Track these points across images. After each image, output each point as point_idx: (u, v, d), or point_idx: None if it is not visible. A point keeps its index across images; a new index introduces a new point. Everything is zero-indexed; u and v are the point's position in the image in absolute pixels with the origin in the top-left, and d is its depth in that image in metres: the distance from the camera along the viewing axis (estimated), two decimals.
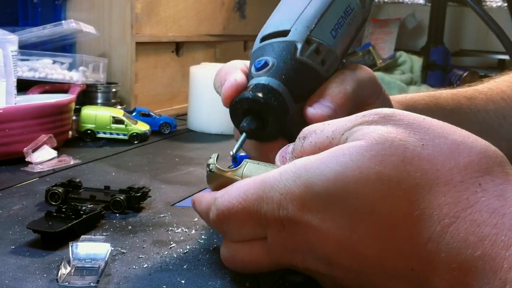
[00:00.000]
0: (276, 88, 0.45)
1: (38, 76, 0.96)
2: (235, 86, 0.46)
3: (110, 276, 0.42)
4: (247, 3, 1.52)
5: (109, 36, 1.10)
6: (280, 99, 0.45)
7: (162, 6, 1.18)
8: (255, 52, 0.48)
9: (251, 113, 0.45)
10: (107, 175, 0.70)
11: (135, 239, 0.49)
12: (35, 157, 0.72)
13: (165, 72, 1.22)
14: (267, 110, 0.45)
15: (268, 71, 0.46)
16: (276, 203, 0.36)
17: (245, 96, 0.45)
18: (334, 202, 0.33)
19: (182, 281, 0.42)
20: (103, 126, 0.89)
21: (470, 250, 0.30)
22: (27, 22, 1.07)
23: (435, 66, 1.77)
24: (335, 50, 0.49)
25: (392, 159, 0.32)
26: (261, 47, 0.48)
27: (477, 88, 0.65)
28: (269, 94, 0.45)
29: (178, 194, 0.63)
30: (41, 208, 0.56)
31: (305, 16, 0.48)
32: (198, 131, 1.02)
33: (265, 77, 0.45)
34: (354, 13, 0.51)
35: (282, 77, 0.45)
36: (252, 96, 0.45)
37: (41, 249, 0.46)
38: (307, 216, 0.34)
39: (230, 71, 0.48)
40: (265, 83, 0.45)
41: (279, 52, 0.46)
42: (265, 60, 0.46)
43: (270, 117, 0.45)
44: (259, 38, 0.49)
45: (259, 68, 0.46)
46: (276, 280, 0.42)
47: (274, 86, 0.45)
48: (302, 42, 0.46)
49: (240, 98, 0.45)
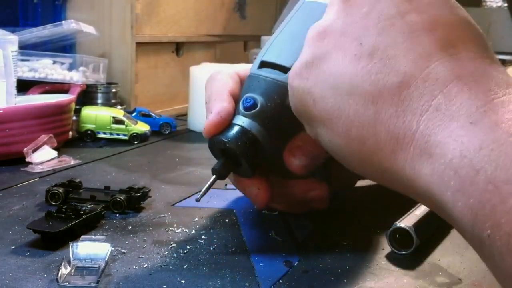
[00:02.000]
0: (256, 134, 0.46)
1: (38, 77, 0.96)
2: (218, 124, 0.47)
3: (110, 276, 0.42)
4: (247, 3, 1.52)
5: (109, 36, 1.10)
6: (258, 146, 0.46)
7: (162, 6, 1.18)
8: (251, 79, 0.49)
9: (226, 155, 0.47)
10: (107, 175, 0.70)
11: (135, 239, 0.49)
12: (35, 157, 0.72)
13: (165, 72, 1.22)
14: (242, 155, 0.46)
15: (254, 114, 0.46)
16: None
17: (222, 140, 0.46)
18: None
19: (182, 281, 0.42)
20: (103, 126, 0.89)
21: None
22: (27, 23, 1.07)
23: None
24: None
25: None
26: (257, 79, 0.48)
27: None
28: (247, 142, 0.46)
29: (178, 194, 0.64)
30: (41, 208, 0.56)
31: None
32: (198, 131, 1.02)
33: (249, 121, 0.46)
34: None
35: (267, 123, 0.46)
36: (229, 142, 0.46)
37: (41, 249, 0.46)
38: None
39: (219, 97, 0.49)
40: (248, 128, 0.46)
41: (270, 93, 0.47)
42: (254, 100, 0.47)
43: (244, 161, 0.47)
44: (259, 60, 0.49)
45: (247, 108, 0.47)
46: (277, 280, 0.42)
47: (255, 132, 0.46)
48: None
49: (218, 140, 0.47)
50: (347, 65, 0.36)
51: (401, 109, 0.33)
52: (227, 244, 0.49)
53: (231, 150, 0.46)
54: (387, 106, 0.34)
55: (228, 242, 0.50)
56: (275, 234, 0.52)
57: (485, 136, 0.29)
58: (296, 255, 0.47)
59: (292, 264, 0.45)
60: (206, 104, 0.51)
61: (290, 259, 0.46)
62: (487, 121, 0.29)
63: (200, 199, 0.47)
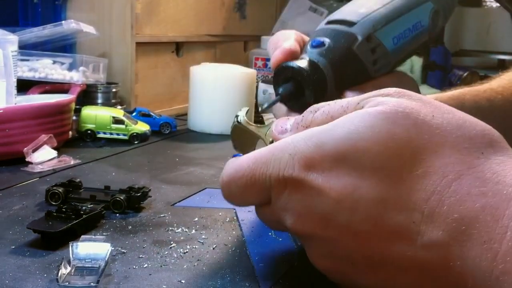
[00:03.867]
0: (323, 68, 0.48)
1: (38, 76, 0.96)
2: (287, 53, 0.49)
3: (110, 276, 0.42)
4: (247, 3, 1.52)
5: (109, 36, 1.10)
6: (323, 79, 0.47)
7: (162, 6, 1.18)
8: (317, 31, 0.51)
9: (292, 81, 0.48)
10: (107, 175, 0.70)
11: (135, 239, 0.49)
12: (35, 157, 0.72)
13: (165, 72, 1.22)
14: (308, 83, 0.47)
15: (322, 51, 0.48)
16: (283, 163, 0.36)
17: (292, 65, 0.48)
18: (343, 160, 0.34)
19: (182, 281, 0.42)
20: (103, 126, 0.89)
21: (472, 202, 0.31)
22: (27, 22, 1.07)
23: (435, 66, 1.77)
24: (390, 56, 0.51)
25: (404, 122, 0.34)
26: (324, 29, 0.50)
27: (492, 87, 0.66)
28: (315, 71, 0.47)
29: (178, 194, 0.64)
30: (41, 208, 0.56)
31: (376, 15, 0.50)
32: (198, 131, 1.02)
33: (317, 56, 0.48)
34: (422, 29, 0.53)
35: (332, 61, 0.48)
36: (298, 67, 0.47)
37: (41, 249, 0.46)
38: (312, 175, 0.35)
39: (286, 39, 0.51)
40: (315, 60, 0.48)
41: (338, 38, 0.49)
42: (323, 40, 0.49)
43: (308, 90, 0.47)
44: (325, 21, 0.51)
45: (315, 46, 0.48)
46: (277, 280, 0.42)
47: (322, 65, 0.48)
48: (363, 37, 0.49)
49: (287, 65, 0.48)
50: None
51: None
52: (227, 244, 0.49)
53: (299, 76, 0.47)
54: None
55: (228, 242, 0.50)
56: (275, 234, 0.52)
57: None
58: (296, 255, 0.47)
59: (292, 264, 0.45)
60: (270, 50, 0.52)
61: (290, 259, 0.46)
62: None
63: (264, 109, 0.50)
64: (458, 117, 0.35)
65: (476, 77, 1.68)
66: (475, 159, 0.33)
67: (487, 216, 0.31)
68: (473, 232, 0.31)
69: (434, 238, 0.32)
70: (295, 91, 0.48)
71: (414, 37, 0.52)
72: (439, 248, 0.32)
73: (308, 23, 1.58)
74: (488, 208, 0.31)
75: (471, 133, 0.34)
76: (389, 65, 0.51)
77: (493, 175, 0.32)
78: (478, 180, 0.32)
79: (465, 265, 0.31)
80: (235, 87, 1.00)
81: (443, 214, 0.32)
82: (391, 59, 0.51)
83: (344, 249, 0.35)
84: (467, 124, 0.35)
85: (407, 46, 0.52)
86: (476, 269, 0.30)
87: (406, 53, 0.53)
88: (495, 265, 0.30)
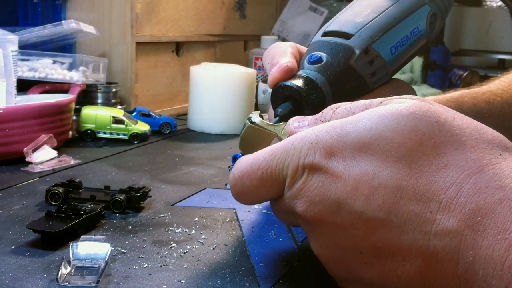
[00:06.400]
0: (321, 86, 0.47)
1: (38, 76, 0.96)
2: (284, 71, 0.48)
3: (110, 276, 0.42)
4: (247, 3, 1.52)
5: (109, 36, 1.10)
6: (321, 97, 0.47)
7: (162, 6, 1.18)
8: (314, 44, 0.50)
9: (291, 101, 0.47)
10: (107, 175, 0.70)
11: (135, 239, 0.49)
12: (35, 157, 0.72)
13: (165, 72, 1.22)
14: (307, 103, 0.47)
15: (319, 67, 0.48)
16: (304, 151, 0.37)
17: (290, 85, 0.47)
18: (366, 149, 0.35)
19: (182, 281, 0.42)
20: (103, 126, 0.89)
21: (490, 194, 0.32)
22: (27, 22, 1.07)
23: (435, 66, 1.77)
24: (389, 66, 0.50)
25: (428, 119, 0.35)
26: (321, 42, 0.50)
27: (491, 90, 0.66)
28: (313, 89, 0.47)
29: (178, 194, 0.64)
30: (41, 208, 0.56)
31: (372, 26, 0.49)
32: (198, 131, 1.02)
33: (315, 72, 0.47)
34: (420, 35, 0.52)
35: (330, 77, 0.47)
36: (296, 87, 0.47)
37: (41, 249, 0.46)
38: (332, 162, 0.36)
39: (283, 54, 0.50)
40: (313, 78, 0.47)
41: (335, 53, 0.48)
42: (320, 56, 0.48)
43: (307, 109, 0.47)
44: (321, 32, 0.51)
45: (312, 62, 0.48)
46: (277, 280, 0.42)
47: (320, 83, 0.47)
48: (360, 50, 0.48)
49: (285, 85, 0.48)
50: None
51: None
52: (227, 244, 0.49)
53: (298, 95, 0.47)
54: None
55: (228, 242, 0.50)
56: (275, 234, 0.52)
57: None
58: (296, 255, 0.47)
59: (292, 264, 0.45)
60: (266, 65, 0.52)
61: (290, 259, 0.46)
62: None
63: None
64: (476, 123, 0.37)
65: (476, 77, 1.68)
66: (494, 158, 0.34)
67: (504, 208, 0.31)
68: (489, 222, 0.32)
69: (449, 227, 0.32)
70: (294, 110, 0.47)
71: (412, 43, 0.52)
72: (453, 236, 0.32)
73: (308, 22, 1.58)
74: (506, 201, 0.32)
75: (489, 137, 0.35)
76: (388, 75, 0.51)
77: (511, 173, 0.33)
78: (497, 175, 0.33)
79: (477, 254, 0.31)
80: (235, 87, 1.00)
81: (461, 204, 0.32)
82: (389, 69, 0.50)
83: (352, 238, 0.35)
84: (485, 129, 0.36)
85: (405, 53, 0.52)
86: (488, 259, 0.31)
87: (404, 60, 0.53)
88: (508, 255, 0.30)
